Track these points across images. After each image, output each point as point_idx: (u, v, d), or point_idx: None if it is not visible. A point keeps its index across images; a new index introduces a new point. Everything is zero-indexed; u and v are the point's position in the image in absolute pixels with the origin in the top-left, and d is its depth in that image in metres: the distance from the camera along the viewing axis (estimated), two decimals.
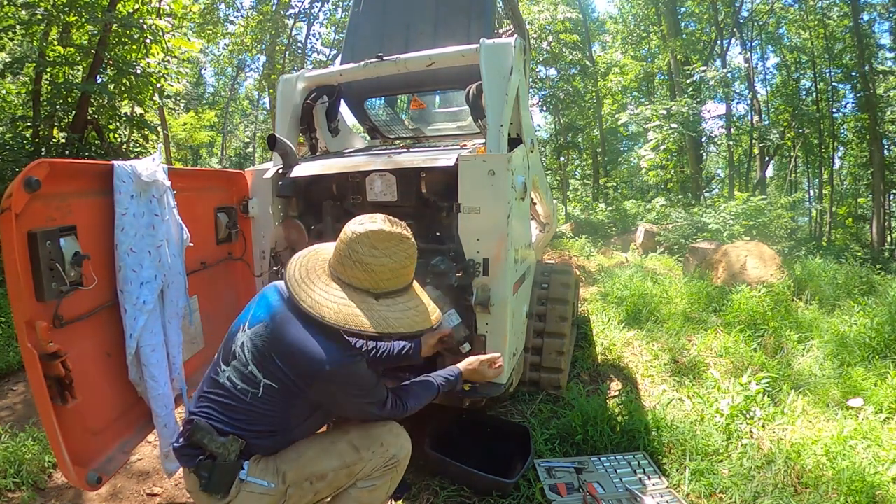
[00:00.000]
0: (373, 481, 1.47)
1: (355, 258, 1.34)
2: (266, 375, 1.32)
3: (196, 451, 1.33)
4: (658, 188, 14.88)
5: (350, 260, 1.35)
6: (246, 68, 19.30)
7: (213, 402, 1.37)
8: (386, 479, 1.49)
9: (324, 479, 1.41)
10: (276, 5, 12.89)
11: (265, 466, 1.37)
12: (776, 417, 2.58)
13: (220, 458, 1.30)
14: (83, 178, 1.52)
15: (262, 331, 1.36)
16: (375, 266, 1.34)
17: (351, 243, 1.35)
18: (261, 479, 1.34)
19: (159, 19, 7.00)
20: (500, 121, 2.10)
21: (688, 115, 10.76)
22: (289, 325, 1.34)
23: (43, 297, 1.33)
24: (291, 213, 2.51)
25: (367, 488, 1.46)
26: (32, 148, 6.48)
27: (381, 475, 1.47)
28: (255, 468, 1.35)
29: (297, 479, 1.38)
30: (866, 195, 14.51)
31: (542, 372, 2.81)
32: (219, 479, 1.31)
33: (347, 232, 1.37)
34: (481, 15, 3.03)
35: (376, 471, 1.46)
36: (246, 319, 1.43)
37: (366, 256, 1.34)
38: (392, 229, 1.36)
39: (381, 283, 1.36)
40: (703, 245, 6.61)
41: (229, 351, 1.40)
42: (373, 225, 1.36)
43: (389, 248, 1.35)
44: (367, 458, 1.44)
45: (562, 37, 11.91)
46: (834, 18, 13.35)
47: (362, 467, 1.44)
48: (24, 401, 2.93)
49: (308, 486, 1.40)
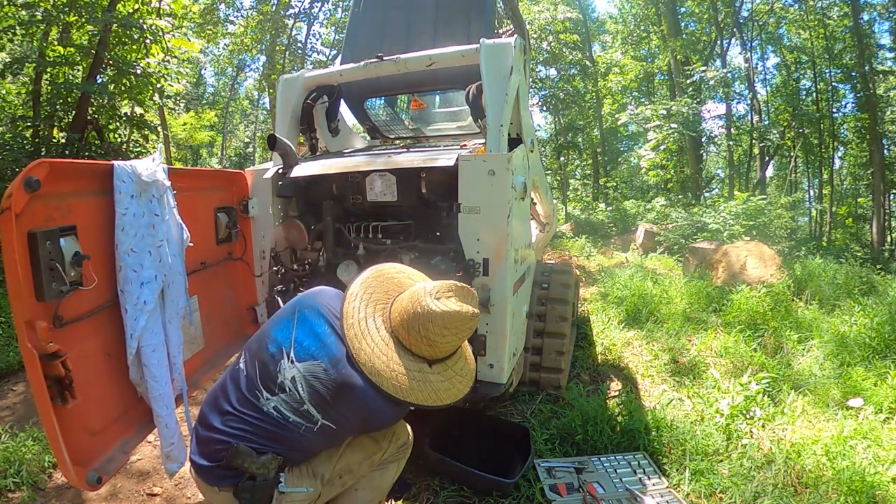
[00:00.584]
0: (386, 465, 1.63)
1: (423, 334, 1.33)
2: (326, 417, 1.34)
3: (232, 472, 1.33)
4: (658, 188, 14.88)
5: (418, 334, 1.34)
6: (246, 68, 19.33)
7: (254, 427, 1.34)
8: (395, 462, 1.66)
9: (350, 471, 1.53)
10: (276, 5, 12.89)
11: (300, 473, 1.42)
12: (776, 417, 2.58)
13: (259, 479, 1.31)
14: (83, 178, 1.52)
15: (322, 374, 1.33)
16: (441, 344, 1.35)
17: (424, 321, 1.32)
18: (299, 486, 1.39)
19: (159, 19, 7.00)
20: (500, 121, 2.10)
21: (688, 115, 10.76)
22: (352, 379, 1.33)
23: (43, 297, 1.33)
24: (291, 213, 2.51)
25: (381, 471, 1.63)
26: (32, 148, 6.47)
27: (393, 459, 1.64)
28: (291, 478, 1.39)
29: (329, 476, 1.48)
30: (866, 195, 14.51)
31: (542, 372, 2.81)
32: (260, 498, 1.33)
33: (423, 304, 1.33)
34: (481, 15, 3.03)
35: (390, 456, 1.63)
36: (287, 343, 1.38)
37: (435, 336, 1.33)
38: (465, 310, 1.34)
39: (439, 353, 1.38)
40: (703, 245, 6.61)
41: (273, 380, 1.36)
42: (450, 305, 1.33)
43: (460, 329, 1.35)
44: (385, 447, 1.59)
45: (562, 37, 11.91)
46: (834, 18, 13.35)
47: (381, 456, 1.59)
48: (24, 401, 2.93)
49: (338, 481, 1.51)
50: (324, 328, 1.40)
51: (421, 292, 1.36)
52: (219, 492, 1.38)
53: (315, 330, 1.40)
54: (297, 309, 1.47)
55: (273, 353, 1.39)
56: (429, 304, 1.32)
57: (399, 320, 1.37)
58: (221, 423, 1.37)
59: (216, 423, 1.38)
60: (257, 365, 1.40)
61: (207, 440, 1.38)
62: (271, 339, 1.42)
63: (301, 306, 1.48)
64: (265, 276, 2.42)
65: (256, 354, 1.42)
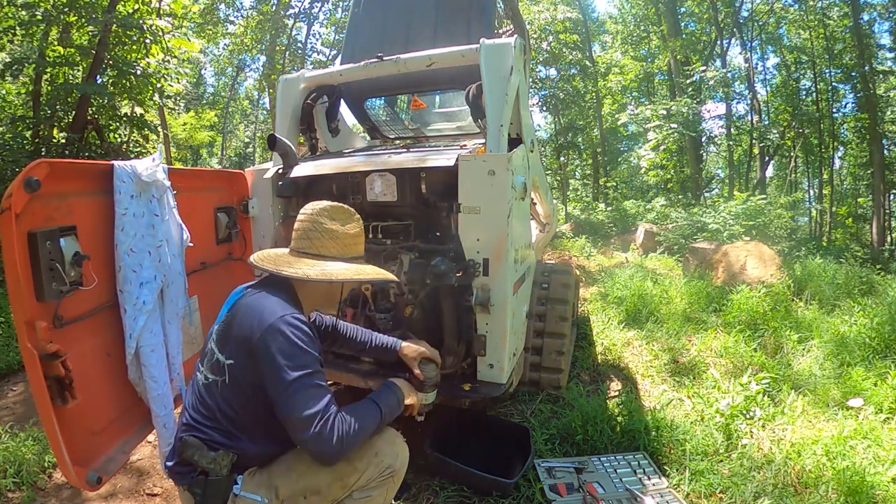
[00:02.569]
0: (369, 492, 1.40)
1: (321, 229, 1.48)
2: (227, 355, 1.32)
3: (187, 469, 1.32)
4: (658, 188, 14.89)
5: (316, 232, 1.48)
6: (246, 68, 19.35)
7: (195, 411, 1.36)
8: (382, 489, 1.42)
9: (318, 493, 1.35)
10: (276, 5, 12.89)
11: (259, 480, 1.34)
12: (776, 417, 2.58)
13: (212, 474, 1.28)
14: (83, 178, 1.52)
15: (226, 316, 1.41)
16: (339, 233, 1.48)
17: (314, 217, 1.49)
18: (254, 493, 1.31)
19: (159, 19, 6.99)
20: (500, 121, 2.10)
21: (687, 115, 10.76)
22: (247, 297, 1.40)
23: (43, 297, 1.33)
24: (291, 213, 2.50)
25: (363, 499, 1.40)
26: (32, 148, 6.48)
27: (377, 485, 1.41)
28: (249, 482, 1.33)
29: (290, 493, 1.33)
30: (866, 195, 14.51)
31: (542, 372, 2.81)
32: (213, 495, 1.29)
33: (307, 211, 1.52)
34: (481, 15, 3.03)
35: (372, 481, 1.40)
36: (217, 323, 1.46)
37: (329, 225, 1.48)
38: (340, 204, 1.54)
39: (347, 248, 1.49)
40: (702, 245, 6.61)
41: (204, 351, 1.43)
42: (325, 203, 1.53)
43: (345, 219, 1.51)
44: (362, 468, 1.37)
45: (562, 37, 11.91)
46: (834, 18, 13.35)
47: (357, 479, 1.37)
48: (24, 401, 2.93)
49: (303, 501, 1.34)
50: (239, 290, 1.49)
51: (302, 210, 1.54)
52: (184, 491, 1.36)
53: (230, 299, 1.47)
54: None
55: (208, 338, 1.46)
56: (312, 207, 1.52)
57: (299, 241, 1.51)
58: (182, 419, 1.40)
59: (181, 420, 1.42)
60: (203, 356, 1.45)
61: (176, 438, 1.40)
62: (210, 332, 1.48)
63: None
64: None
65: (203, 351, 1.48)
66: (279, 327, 1.27)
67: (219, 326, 1.41)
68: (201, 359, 1.44)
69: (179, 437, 1.35)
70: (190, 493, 1.31)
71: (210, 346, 1.40)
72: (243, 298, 1.41)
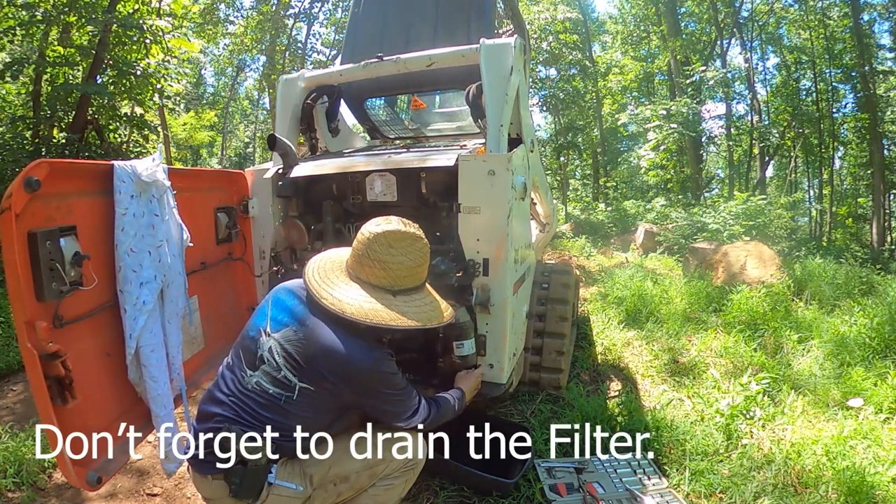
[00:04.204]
0: (391, 480, 1.50)
1: (373, 257, 1.41)
2: (302, 379, 1.34)
3: (223, 459, 1.33)
4: (658, 188, 14.87)
5: (368, 259, 1.41)
6: (246, 68, 19.30)
7: (240, 407, 1.37)
8: (403, 479, 1.52)
9: (347, 480, 1.43)
10: (276, 5, 12.88)
11: (292, 469, 1.39)
12: (776, 417, 2.58)
13: (250, 464, 1.31)
14: (83, 178, 1.52)
15: (293, 335, 1.38)
16: (392, 264, 1.41)
17: (369, 243, 1.42)
18: (289, 482, 1.36)
19: (159, 19, 6.99)
20: (500, 121, 2.10)
21: (687, 116, 10.75)
22: (320, 328, 1.37)
23: (43, 297, 1.33)
24: (291, 213, 2.51)
25: (385, 486, 1.50)
26: (32, 148, 6.48)
27: (399, 475, 1.50)
28: (282, 471, 1.37)
29: (322, 481, 1.41)
30: (866, 195, 14.48)
31: (542, 372, 2.81)
32: (250, 485, 1.32)
33: (364, 233, 1.44)
34: (481, 15, 3.03)
35: (396, 471, 1.49)
36: (264, 323, 1.44)
37: (383, 255, 1.40)
38: (406, 229, 1.44)
39: (398, 280, 1.42)
40: (702, 245, 6.61)
41: (254, 355, 1.41)
42: (388, 226, 1.43)
43: (405, 247, 1.42)
44: (389, 458, 1.47)
45: (562, 37, 11.91)
46: (834, 18, 13.35)
47: (384, 468, 1.47)
48: (24, 401, 2.93)
49: (332, 488, 1.42)
50: (293, 301, 1.46)
51: (364, 227, 1.46)
52: (211, 481, 1.38)
53: (286, 304, 1.46)
54: (271, 296, 1.54)
55: (253, 336, 1.45)
56: (371, 229, 1.43)
57: (352, 261, 1.46)
58: (214, 412, 1.41)
59: (210, 412, 1.42)
60: (241, 353, 1.45)
61: (203, 430, 1.40)
62: (251, 326, 1.49)
63: (274, 293, 1.55)
64: (265, 277, 2.41)
65: (240, 344, 1.48)
66: (377, 377, 1.39)
67: (285, 343, 1.37)
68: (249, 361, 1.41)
69: (216, 428, 1.36)
70: (225, 482, 1.34)
71: (268, 356, 1.38)
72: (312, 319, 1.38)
